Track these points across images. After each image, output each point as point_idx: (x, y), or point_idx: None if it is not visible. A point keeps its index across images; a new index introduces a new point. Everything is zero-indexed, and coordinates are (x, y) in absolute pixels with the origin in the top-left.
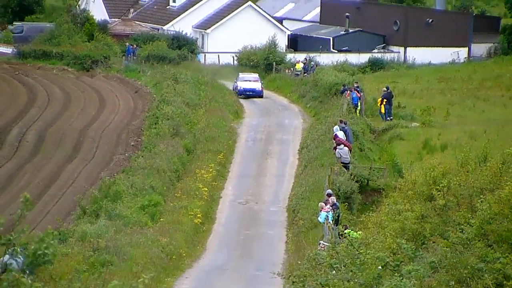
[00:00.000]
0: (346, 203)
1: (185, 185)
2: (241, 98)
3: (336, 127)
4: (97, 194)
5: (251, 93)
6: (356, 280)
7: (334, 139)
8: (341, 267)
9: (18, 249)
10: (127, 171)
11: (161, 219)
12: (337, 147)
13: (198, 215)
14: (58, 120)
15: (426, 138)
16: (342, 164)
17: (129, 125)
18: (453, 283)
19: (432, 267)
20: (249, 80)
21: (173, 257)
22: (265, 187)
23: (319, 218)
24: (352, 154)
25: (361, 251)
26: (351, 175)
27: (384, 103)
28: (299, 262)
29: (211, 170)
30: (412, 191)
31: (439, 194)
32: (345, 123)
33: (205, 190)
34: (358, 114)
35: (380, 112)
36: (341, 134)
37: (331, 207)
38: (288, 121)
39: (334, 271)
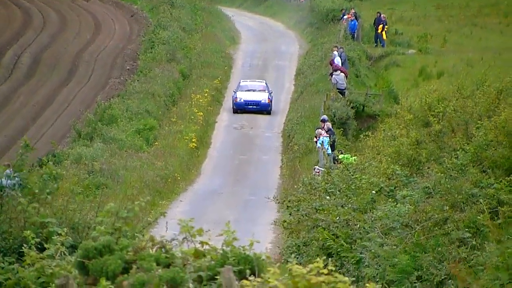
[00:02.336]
0: (342, 129)
1: (180, 110)
2: (239, 112)
3: (334, 53)
4: (92, 118)
5: (254, 107)
6: (350, 205)
7: (331, 65)
8: (336, 192)
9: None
10: (123, 95)
11: (156, 143)
12: (334, 73)
13: (193, 140)
14: (54, 44)
15: (422, 65)
16: (338, 90)
17: (124, 49)
18: (447, 208)
19: (427, 192)
20: (253, 90)
21: (168, 180)
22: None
23: (318, 144)
24: (348, 80)
25: (356, 176)
26: (347, 101)
27: (386, 29)
28: (296, 187)
29: (206, 95)
30: (408, 117)
31: (434, 120)
32: (341, 49)
33: (200, 115)
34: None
35: (382, 39)
36: (337, 60)
37: (326, 133)
38: (285, 47)
39: (328, 196)
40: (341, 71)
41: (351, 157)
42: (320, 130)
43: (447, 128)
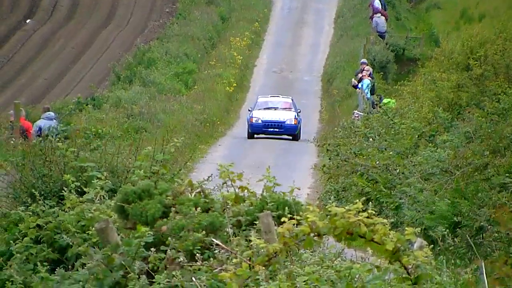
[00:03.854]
0: (381, 73)
1: (219, 53)
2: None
3: None
4: (131, 61)
5: (276, 129)
6: (392, 150)
7: (371, 8)
8: (375, 137)
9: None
10: (162, 38)
11: (195, 87)
12: (374, 16)
13: (232, 83)
14: None
15: (464, 7)
16: (378, 34)
17: None
18: (488, 153)
19: (467, 137)
20: (275, 108)
21: (207, 124)
22: (300, 56)
23: (359, 86)
24: (388, 24)
25: (395, 121)
26: (386, 44)
27: None
28: (335, 130)
29: (245, 38)
30: (449, 60)
31: (476, 64)
32: None
33: (240, 59)
34: None
35: None
36: (377, 3)
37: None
38: None
39: (370, 139)
40: (382, 14)
41: (391, 100)
42: (365, 72)
43: (488, 71)
